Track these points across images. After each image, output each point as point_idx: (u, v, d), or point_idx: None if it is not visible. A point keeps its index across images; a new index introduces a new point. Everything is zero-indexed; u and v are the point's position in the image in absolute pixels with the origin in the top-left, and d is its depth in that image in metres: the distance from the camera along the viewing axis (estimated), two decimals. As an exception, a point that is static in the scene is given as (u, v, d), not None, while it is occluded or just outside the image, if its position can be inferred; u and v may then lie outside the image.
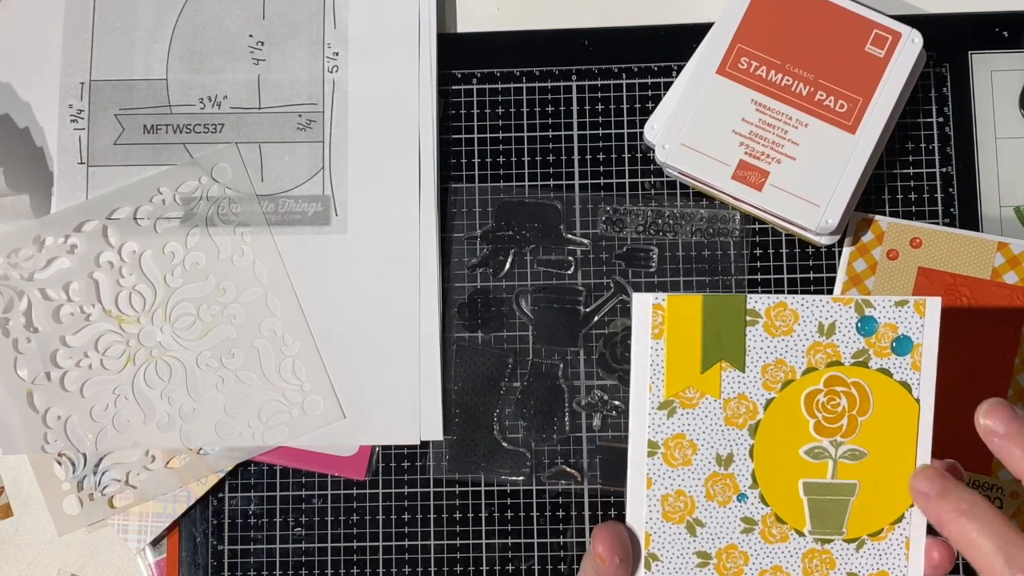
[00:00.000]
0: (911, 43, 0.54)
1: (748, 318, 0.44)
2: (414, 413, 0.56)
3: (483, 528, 0.56)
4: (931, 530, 0.44)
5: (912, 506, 0.44)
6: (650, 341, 0.44)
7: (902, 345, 0.44)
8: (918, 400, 0.44)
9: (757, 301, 0.44)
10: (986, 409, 0.43)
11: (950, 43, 0.58)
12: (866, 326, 0.45)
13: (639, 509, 0.45)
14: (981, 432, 0.43)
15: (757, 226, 0.57)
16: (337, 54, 0.58)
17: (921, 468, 0.44)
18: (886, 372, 0.44)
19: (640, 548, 0.45)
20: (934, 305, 0.44)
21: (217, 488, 0.57)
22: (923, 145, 0.57)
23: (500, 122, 0.58)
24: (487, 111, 0.59)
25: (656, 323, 0.44)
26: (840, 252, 0.56)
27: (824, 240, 0.55)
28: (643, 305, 0.44)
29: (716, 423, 0.45)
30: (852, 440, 0.44)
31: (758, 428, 0.45)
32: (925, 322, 0.45)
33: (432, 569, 0.56)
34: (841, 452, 0.45)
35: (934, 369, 0.44)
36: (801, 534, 0.45)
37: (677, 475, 0.45)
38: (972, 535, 0.40)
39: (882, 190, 0.57)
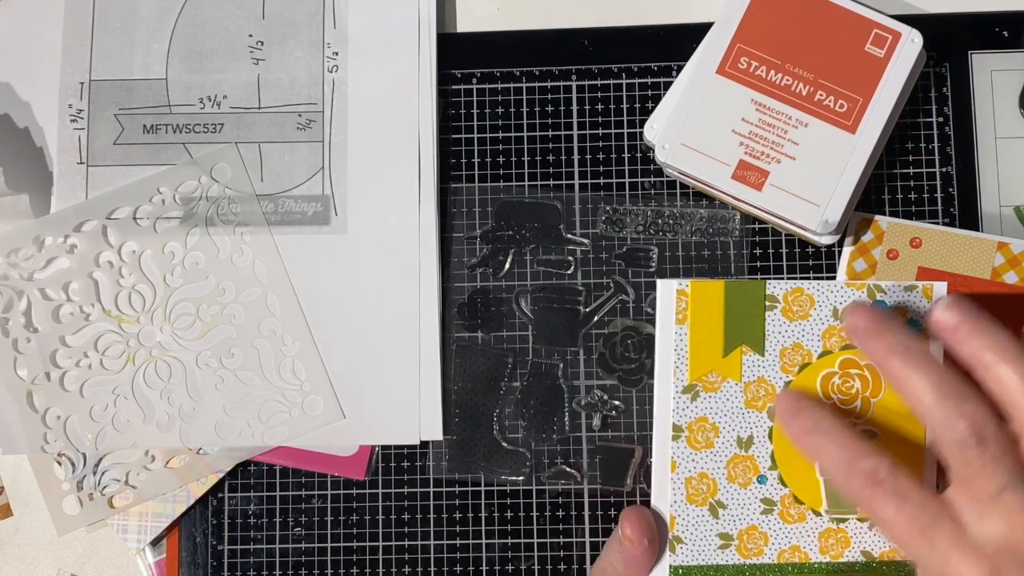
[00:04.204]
0: (911, 43, 0.54)
1: (767, 303, 0.45)
2: (414, 413, 0.56)
3: (483, 528, 0.56)
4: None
5: None
6: (674, 326, 0.45)
7: (911, 328, 0.45)
8: None
9: (775, 287, 0.45)
10: (948, 302, 0.43)
11: (950, 43, 0.58)
12: None
13: (664, 492, 0.46)
14: (937, 327, 0.43)
15: (757, 226, 0.57)
16: (337, 54, 0.58)
17: (854, 305, 0.44)
18: None
19: (666, 531, 0.45)
20: (940, 289, 0.46)
21: (217, 488, 0.56)
22: (923, 145, 0.57)
23: (500, 122, 0.58)
24: (487, 111, 0.59)
25: (680, 308, 0.45)
26: (840, 252, 0.56)
27: (824, 240, 0.55)
28: (668, 291, 0.45)
29: (737, 406, 0.46)
30: (865, 421, 0.45)
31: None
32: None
33: (432, 569, 0.56)
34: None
35: (941, 351, 0.45)
36: (818, 514, 0.46)
37: (700, 458, 0.46)
38: (902, 372, 0.42)
39: (882, 190, 0.57)
